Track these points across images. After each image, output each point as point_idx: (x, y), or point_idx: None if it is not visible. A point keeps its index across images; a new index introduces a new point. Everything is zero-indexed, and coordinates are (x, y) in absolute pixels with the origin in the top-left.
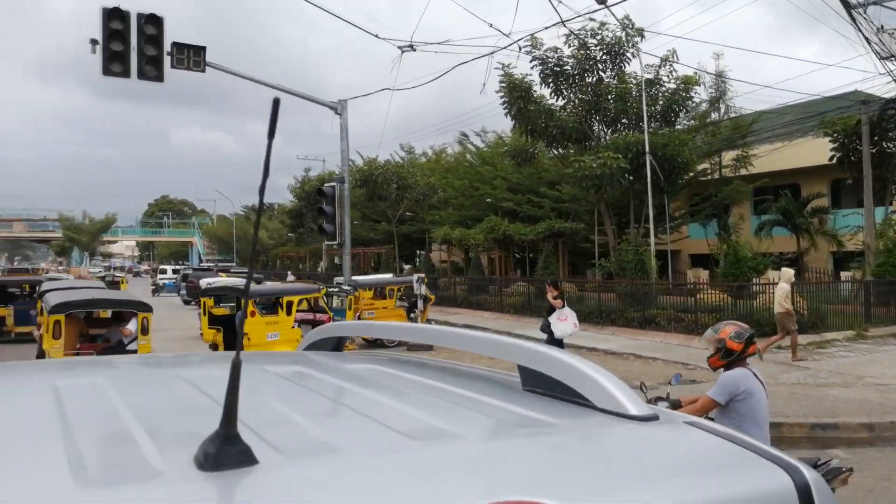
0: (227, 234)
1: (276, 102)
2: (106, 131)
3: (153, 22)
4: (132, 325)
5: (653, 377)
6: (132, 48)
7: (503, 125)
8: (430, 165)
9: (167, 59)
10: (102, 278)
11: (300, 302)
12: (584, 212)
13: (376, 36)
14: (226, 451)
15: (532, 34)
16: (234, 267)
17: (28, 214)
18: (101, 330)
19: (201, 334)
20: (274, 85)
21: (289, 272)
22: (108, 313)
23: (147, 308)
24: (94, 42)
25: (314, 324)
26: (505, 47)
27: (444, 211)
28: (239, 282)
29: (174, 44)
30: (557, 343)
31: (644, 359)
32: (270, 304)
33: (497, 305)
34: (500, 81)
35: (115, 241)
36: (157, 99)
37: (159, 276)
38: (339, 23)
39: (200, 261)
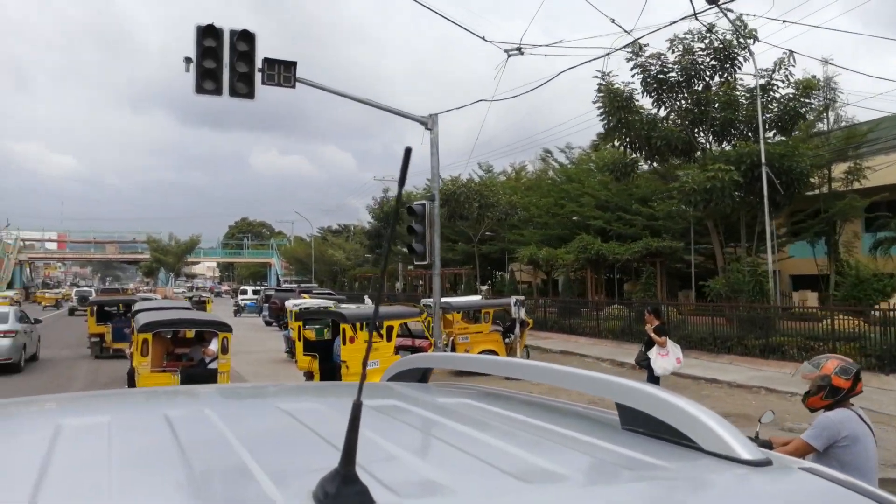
0: (304, 255)
1: (408, 151)
2: (191, 157)
3: (245, 38)
4: (213, 345)
5: (796, 416)
6: (224, 65)
7: (581, 141)
8: (510, 184)
9: (258, 76)
10: (190, 298)
11: (400, 327)
12: (680, 230)
13: (483, 38)
14: (345, 491)
15: (655, 30)
16: (316, 288)
17: (119, 237)
18: (185, 349)
19: (294, 360)
20: (363, 99)
21: (365, 296)
22: (191, 333)
23: (227, 328)
24: (187, 60)
25: (413, 350)
26: (623, 47)
27: (527, 230)
28: (327, 303)
29: (265, 60)
30: (655, 380)
31: (780, 393)
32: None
33: (592, 330)
34: (598, 91)
35: (197, 262)
36: (238, 125)
37: (240, 296)
38: (409, 46)
39: (278, 282)
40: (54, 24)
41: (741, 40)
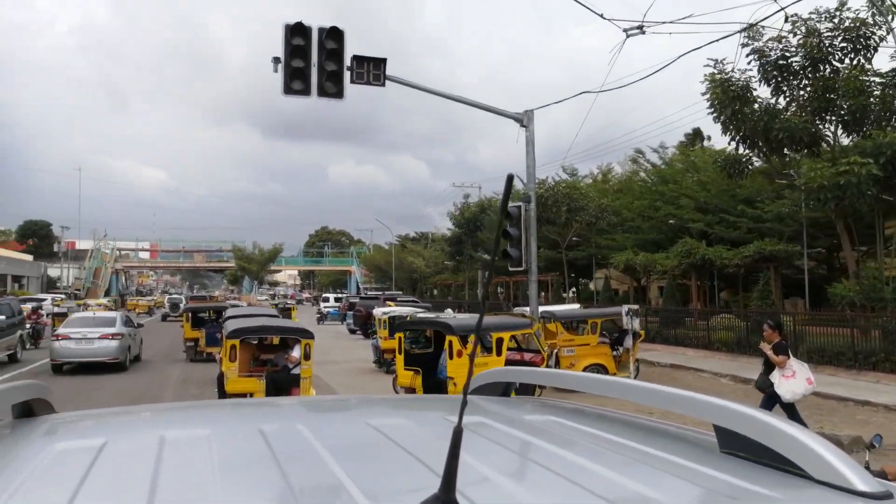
0: (384, 263)
1: (510, 179)
2: (271, 169)
3: (334, 36)
4: (296, 352)
5: None
6: (312, 64)
7: (669, 139)
8: (598, 186)
9: (346, 75)
10: (275, 305)
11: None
12: (790, 232)
13: (601, 16)
14: None
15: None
16: (400, 296)
17: (206, 246)
18: (269, 355)
19: (383, 370)
20: (454, 97)
21: (449, 309)
22: (276, 339)
23: (309, 335)
24: (276, 60)
25: (523, 365)
26: (744, 29)
27: (618, 234)
28: (413, 311)
29: (354, 57)
30: (773, 404)
31: None
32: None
33: (700, 341)
34: (707, 81)
35: (279, 271)
36: (315, 137)
37: (322, 304)
38: (483, 57)
39: (358, 289)
40: (147, 47)
41: (879, 18)
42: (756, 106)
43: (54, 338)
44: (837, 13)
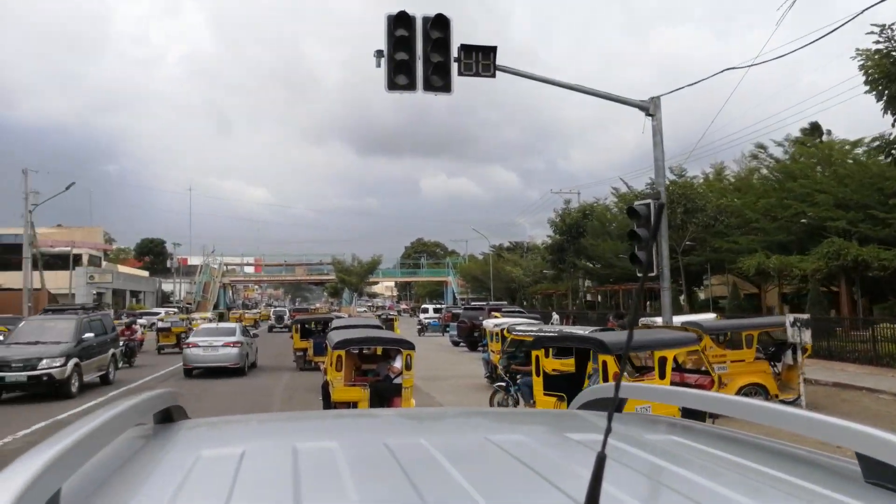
0: (480, 273)
1: (661, 207)
2: (367, 184)
3: (440, 25)
4: (398, 363)
5: None
6: (417, 57)
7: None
8: (713, 186)
9: (454, 67)
10: (379, 316)
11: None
12: None
13: None
14: None
15: None
16: (505, 306)
17: (307, 259)
18: (371, 365)
19: (494, 387)
20: (574, 86)
21: (553, 312)
22: (380, 350)
23: (410, 346)
24: (378, 54)
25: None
26: None
27: (739, 237)
28: (521, 322)
29: (462, 47)
30: None
31: None
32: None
33: (862, 355)
34: (860, 56)
35: (376, 282)
36: (408, 152)
37: (422, 315)
38: (575, 65)
39: (454, 300)
40: (248, 71)
41: None
42: None
43: (186, 346)
44: None
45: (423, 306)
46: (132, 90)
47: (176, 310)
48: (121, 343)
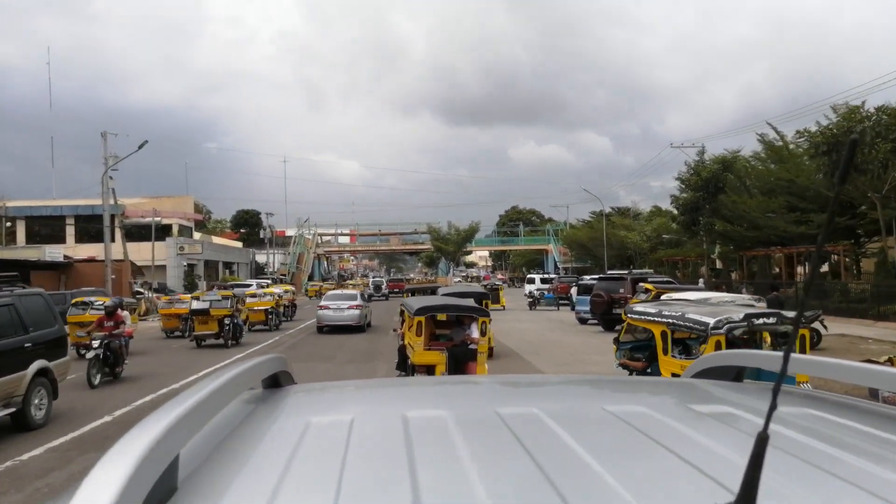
0: (587, 240)
1: (854, 143)
2: (457, 155)
3: None
4: (474, 331)
5: None
6: None
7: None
8: None
9: None
10: (485, 286)
11: None
12: None
13: None
14: None
15: None
16: (651, 275)
17: (401, 229)
18: (445, 330)
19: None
20: None
21: (700, 281)
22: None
23: (486, 314)
24: None
25: None
26: None
27: None
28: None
29: None
30: None
31: None
32: None
33: None
34: None
35: (470, 252)
36: (497, 120)
37: (528, 285)
38: (671, 22)
39: (556, 268)
40: (339, 47)
41: None
42: None
43: (319, 308)
44: None
45: (529, 276)
46: (230, 71)
47: (269, 281)
48: (95, 344)
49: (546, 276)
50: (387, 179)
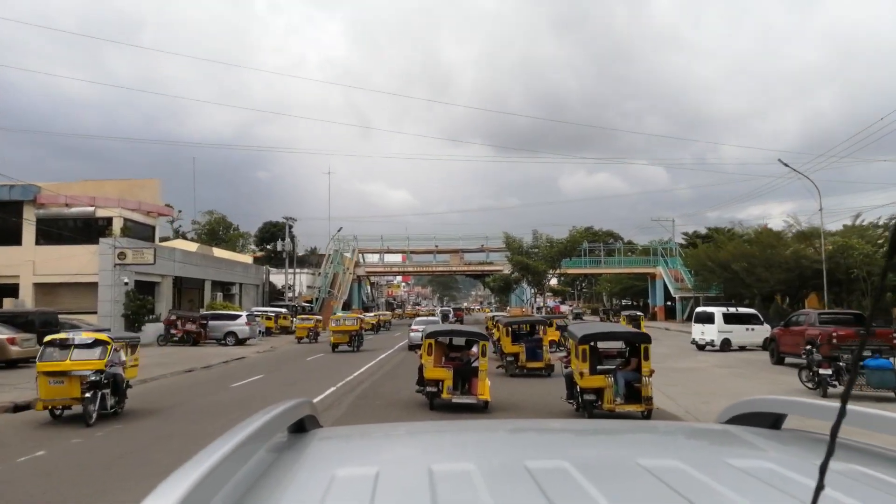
0: (733, 257)
1: None
2: (507, 183)
3: None
4: (475, 350)
5: None
6: None
7: None
8: None
9: None
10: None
11: None
12: None
13: None
14: None
15: None
16: None
17: (464, 244)
18: (456, 353)
19: None
20: None
21: None
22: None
23: (485, 338)
24: None
25: None
26: None
27: None
28: None
29: None
30: None
31: None
32: None
33: None
34: None
35: (555, 275)
36: (547, 149)
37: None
38: (729, 46)
39: (668, 297)
40: (390, 77)
41: None
42: None
43: (411, 330)
44: None
45: (700, 309)
46: (281, 100)
47: (283, 311)
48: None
49: (729, 310)
50: (437, 208)
